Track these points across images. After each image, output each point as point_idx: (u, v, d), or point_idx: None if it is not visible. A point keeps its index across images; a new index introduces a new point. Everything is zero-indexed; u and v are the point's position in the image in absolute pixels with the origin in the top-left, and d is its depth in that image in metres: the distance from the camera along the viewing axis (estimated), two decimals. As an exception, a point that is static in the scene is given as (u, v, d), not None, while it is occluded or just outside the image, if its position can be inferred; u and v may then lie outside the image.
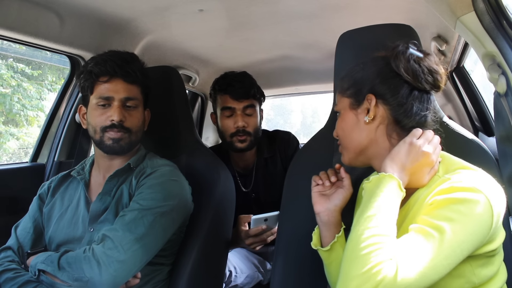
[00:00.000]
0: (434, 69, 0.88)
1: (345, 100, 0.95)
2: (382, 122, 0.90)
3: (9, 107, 4.89)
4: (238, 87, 1.67)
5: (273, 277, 1.19)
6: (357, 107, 0.92)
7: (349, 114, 0.93)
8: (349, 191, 1.02)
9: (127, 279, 1.07)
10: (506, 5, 0.94)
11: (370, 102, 0.89)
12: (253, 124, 1.70)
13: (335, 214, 1.01)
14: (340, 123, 0.97)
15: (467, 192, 0.74)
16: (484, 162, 0.92)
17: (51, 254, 1.08)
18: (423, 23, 1.66)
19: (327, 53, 2.05)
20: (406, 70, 0.87)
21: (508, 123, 0.96)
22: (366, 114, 0.90)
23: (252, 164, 1.79)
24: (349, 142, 0.94)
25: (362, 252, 0.70)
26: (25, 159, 1.87)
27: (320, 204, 1.02)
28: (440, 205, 0.75)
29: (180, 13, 1.58)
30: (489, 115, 1.97)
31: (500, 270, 0.84)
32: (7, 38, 1.38)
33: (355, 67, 0.95)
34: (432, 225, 0.73)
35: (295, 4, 1.57)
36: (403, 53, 0.88)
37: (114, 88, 1.18)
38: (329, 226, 1.01)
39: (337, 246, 1.00)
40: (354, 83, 0.93)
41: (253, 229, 1.46)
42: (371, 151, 0.92)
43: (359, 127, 0.92)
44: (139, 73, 1.22)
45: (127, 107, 1.20)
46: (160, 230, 1.12)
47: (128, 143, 1.21)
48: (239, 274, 1.61)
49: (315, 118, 11.97)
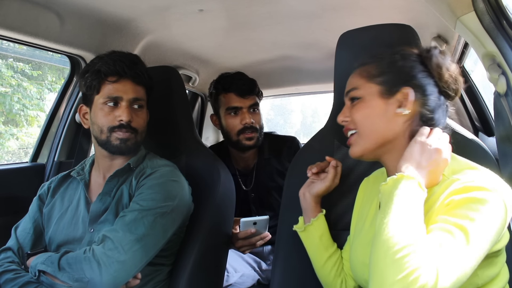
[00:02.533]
0: (458, 79, 0.90)
1: (372, 87, 0.90)
2: (411, 118, 0.88)
3: (9, 107, 4.89)
4: (241, 84, 1.68)
5: (273, 277, 1.19)
6: (389, 97, 0.89)
7: (378, 101, 0.89)
8: (329, 184, 1.10)
9: (128, 279, 1.07)
10: (506, 5, 0.94)
11: (408, 95, 0.87)
12: (259, 121, 1.72)
13: (309, 200, 1.11)
14: (363, 109, 0.91)
15: (483, 191, 0.74)
16: (484, 162, 0.92)
17: (51, 255, 1.08)
18: (423, 23, 1.66)
19: (327, 53, 2.05)
20: (440, 75, 0.88)
21: (508, 123, 0.96)
22: (398, 106, 0.88)
23: (252, 164, 1.79)
24: (372, 131, 0.90)
25: (396, 256, 0.67)
26: (25, 159, 1.87)
27: (301, 190, 1.14)
28: (459, 205, 0.74)
29: (180, 13, 1.58)
30: (489, 115, 1.96)
31: (502, 271, 0.84)
32: (7, 38, 1.38)
33: (388, 56, 0.92)
34: (456, 224, 0.72)
35: (295, 4, 1.56)
36: (438, 59, 0.89)
37: (123, 88, 1.18)
38: (305, 210, 1.12)
39: (310, 229, 1.10)
40: (388, 72, 0.90)
41: (241, 232, 1.47)
42: (391, 145, 0.90)
43: (387, 117, 0.88)
44: (146, 74, 1.23)
45: (134, 108, 1.21)
46: (160, 230, 1.12)
47: (134, 143, 1.21)
48: (231, 273, 1.60)
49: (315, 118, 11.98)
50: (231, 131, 1.69)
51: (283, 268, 1.19)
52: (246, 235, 1.46)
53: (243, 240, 1.48)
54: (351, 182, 1.16)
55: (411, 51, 0.93)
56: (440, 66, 0.89)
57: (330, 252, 1.09)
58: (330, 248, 1.09)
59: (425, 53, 0.91)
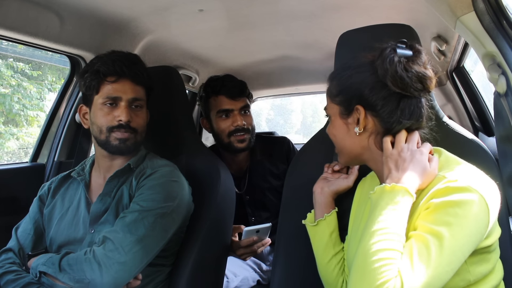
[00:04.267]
0: (422, 74, 0.85)
1: (334, 107, 0.94)
2: (373, 132, 0.90)
3: (9, 107, 4.89)
4: (231, 86, 1.67)
5: (273, 277, 1.19)
6: (347, 117, 0.92)
7: (340, 122, 0.93)
8: (348, 184, 1.11)
9: (128, 280, 1.07)
10: (506, 5, 0.94)
11: (360, 114, 0.89)
12: (251, 122, 1.72)
13: (325, 195, 1.11)
14: (331, 129, 0.97)
15: (463, 193, 0.74)
16: (484, 162, 0.92)
17: (52, 256, 1.08)
18: (423, 23, 1.66)
19: (327, 53, 2.05)
20: (394, 81, 0.84)
21: (508, 123, 0.96)
22: (356, 124, 0.90)
23: (245, 166, 1.79)
24: (342, 147, 0.96)
25: (371, 266, 0.70)
26: (25, 159, 1.87)
27: (318, 184, 1.13)
28: (436, 209, 0.75)
29: (180, 13, 1.58)
30: (489, 115, 1.97)
31: (496, 268, 0.84)
32: (7, 38, 1.38)
33: (343, 72, 0.92)
34: (431, 231, 0.73)
35: (295, 4, 1.56)
36: (390, 61, 0.85)
37: (122, 88, 1.18)
38: (320, 205, 1.11)
39: (323, 224, 1.09)
40: (343, 91, 0.92)
41: (244, 240, 1.46)
42: (365, 156, 0.93)
43: (351, 136, 0.92)
44: (145, 74, 1.23)
45: (133, 108, 1.21)
46: (161, 231, 1.12)
47: (134, 143, 1.21)
48: (231, 278, 1.60)
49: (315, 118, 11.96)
50: (222, 133, 1.69)
51: (283, 268, 1.19)
52: (249, 243, 1.47)
53: (245, 248, 1.48)
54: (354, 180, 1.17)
55: (365, 60, 0.90)
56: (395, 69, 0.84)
57: (336, 250, 1.09)
58: (337, 246, 1.09)
59: (377, 58, 0.87)
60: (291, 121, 11.50)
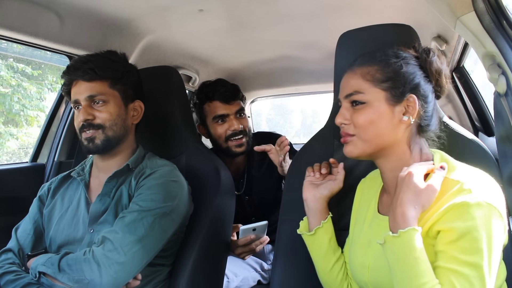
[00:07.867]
0: (448, 79, 0.92)
1: (379, 92, 0.88)
2: (411, 125, 0.90)
3: (9, 107, 4.88)
4: (224, 90, 1.69)
5: (273, 277, 1.19)
6: (395, 103, 0.88)
7: (385, 108, 0.88)
8: (339, 185, 1.09)
9: (128, 280, 1.07)
10: (506, 5, 0.94)
11: (414, 103, 0.88)
12: (247, 125, 1.73)
13: (320, 201, 1.08)
14: (368, 114, 0.88)
15: (483, 210, 0.74)
16: (484, 162, 0.92)
17: (52, 256, 1.08)
18: (423, 23, 1.66)
19: (327, 53, 2.05)
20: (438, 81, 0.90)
21: (508, 123, 0.96)
22: (403, 113, 0.88)
23: (243, 167, 1.79)
24: (375, 136, 0.89)
25: None
26: (25, 159, 1.87)
27: (308, 191, 1.09)
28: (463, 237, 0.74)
29: (180, 13, 1.58)
30: (489, 115, 1.96)
31: (500, 269, 0.84)
32: (7, 38, 1.38)
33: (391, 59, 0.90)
34: (466, 263, 0.73)
35: (295, 4, 1.56)
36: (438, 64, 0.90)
37: (77, 90, 1.20)
38: (314, 213, 1.08)
39: (321, 232, 1.06)
40: (394, 77, 0.88)
41: (241, 239, 1.47)
42: (389, 150, 0.90)
43: (393, 124, 0.88)
44: (99, 69, 1.19)
45: (96, 104, 1.20)
46: (160, 231, 1.12)
47: (104, 140, 1.19)
48: (231, 278, 1.60)
49: (315, 118, 11.93)
50: (219, 138, 1.70)
51: (283, 268, 1.19)
52: (246, 242, 1.47)
53: (243, 247, 1.48)
54: (350, 182, 1.16)
55: (410, 53, 0.92)
56: (439, 72, 0.90)
57: (337, 255, 1.07)
58: (337, 251, 1.08)
59: (425, 57, 0.91)
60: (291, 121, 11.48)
